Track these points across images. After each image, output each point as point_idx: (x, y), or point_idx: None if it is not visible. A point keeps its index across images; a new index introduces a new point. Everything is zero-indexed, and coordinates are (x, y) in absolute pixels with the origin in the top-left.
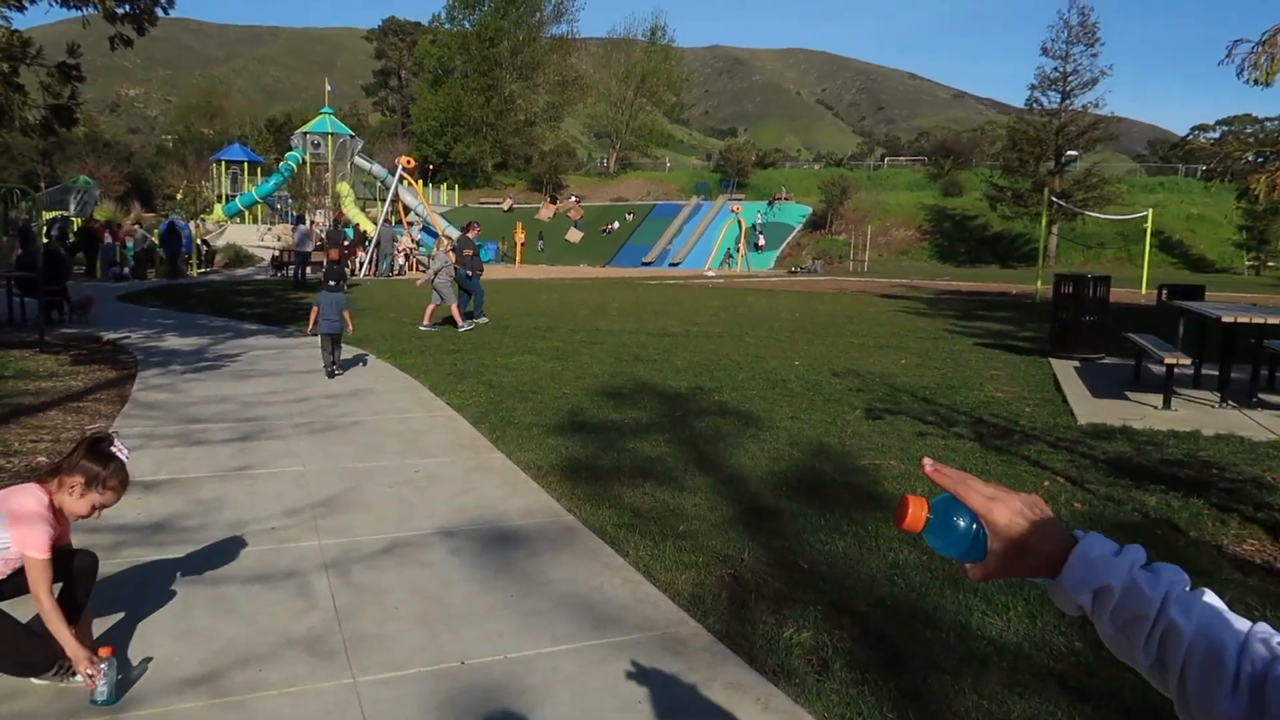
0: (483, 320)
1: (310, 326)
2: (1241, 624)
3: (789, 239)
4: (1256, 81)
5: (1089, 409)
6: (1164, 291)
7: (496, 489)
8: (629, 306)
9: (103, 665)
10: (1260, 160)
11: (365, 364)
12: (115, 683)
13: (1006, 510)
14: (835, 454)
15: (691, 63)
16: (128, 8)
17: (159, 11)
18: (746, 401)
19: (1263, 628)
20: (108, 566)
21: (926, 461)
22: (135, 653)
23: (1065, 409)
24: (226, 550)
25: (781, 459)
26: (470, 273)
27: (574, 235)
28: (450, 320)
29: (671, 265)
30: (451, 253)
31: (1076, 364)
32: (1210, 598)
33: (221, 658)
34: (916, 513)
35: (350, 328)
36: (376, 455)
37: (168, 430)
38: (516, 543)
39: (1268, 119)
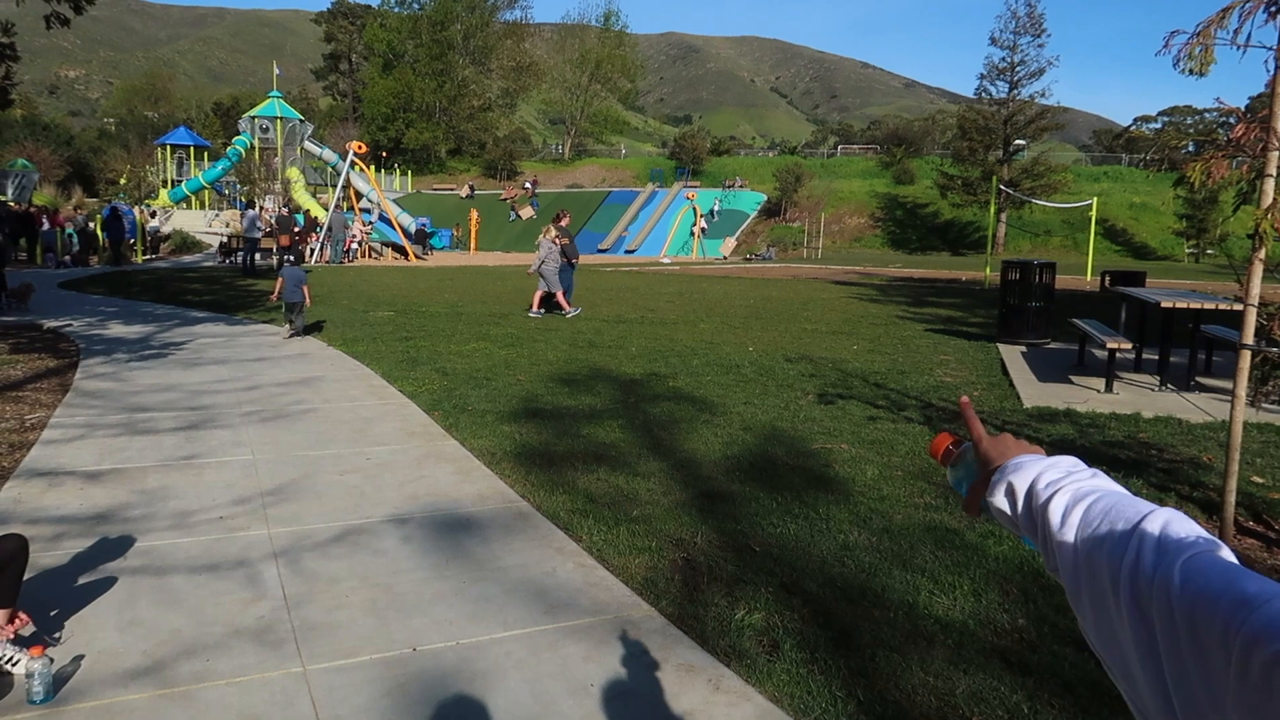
0: (575, 311)
1: (274, 295)
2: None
3: (743, 226)
4: (1191, 71)
5: (1034, 392)
6: (1107, 278)
7: (449, 476)
8: (583, 293)
9: (36, 665)
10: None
11: (316, 351)
12: (51, 681)
13: (997, 439)
14: (787, 438)
15: (646, 49)
16: None
17: None
18: (700, 387)
19: (1156, 525)
20: (48, 559)
21: (964, 399)
22: (76, 645)
23: (1012, 392)
24: (172, 540)
25: (734, 443)
26: (571, 261)
27: (526, 212)
28: (556, 306)
29: (627, 252)
30: (558, 239)
31: (1023, 349)
32: (1105, 500)
33: (167, 648)
34: (941, 444)
35: (308, 301)
36: (327, 443)
37: (111, 420)
38: (469, 529)
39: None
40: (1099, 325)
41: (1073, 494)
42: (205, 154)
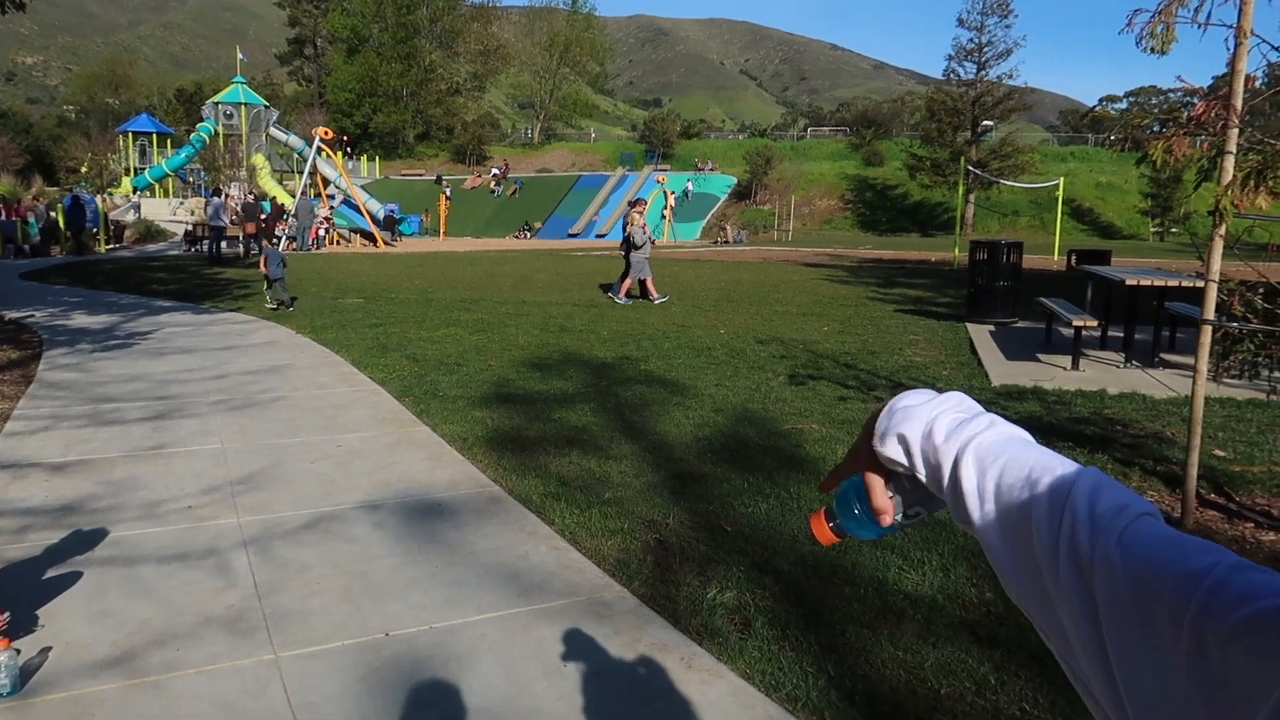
0: (618, 299)
1: (262, 266)
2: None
3: (714, 209)
4: (1153, 50)
5: (1002, 371)
6: (1073, 257)
7: (421, 462)
8: (555, 278)
9: (2, 658)
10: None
11: (284, 339)
12: (17, 674)
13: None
14: (758, 419)
15: (615, 32)
16: None
17: None
18: (672, 370)
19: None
20: (14, 551)
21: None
22: (44, 638)
23: (980, 371)
24: (141, 530)
25: (706, 425)
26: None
27: (510, 188)
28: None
29: (598, 237)
30: (645, 226)
31: (991, 328)
32: (1010, 445)
33: (136, 638)
34: (820, 529)
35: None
36: (297, 431)
37: (76, 410)
38: (441, 515)
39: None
40: (1065, 304)
41: (978, 454)
42: (168, 141)
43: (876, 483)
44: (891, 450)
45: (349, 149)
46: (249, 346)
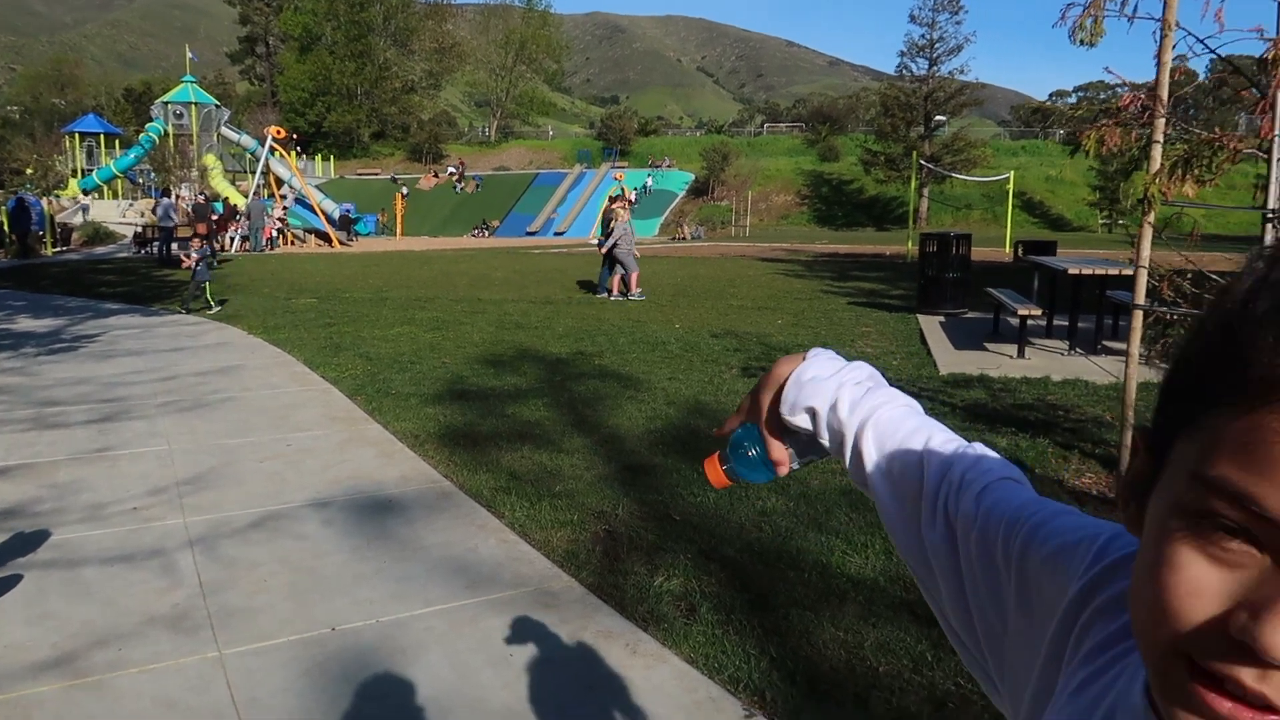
0: (612, 297)
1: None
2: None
3: (672, 206)
4: (1083, 42)
5: (950, 360)
6: (1020, 248)
7: (372, 459)
8: (512, 275)
9: None
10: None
11: (236, 340)
12: None
13: (758, 387)
14: (710, 411)
15: (571, 30)
16: None
17: None
18: (626, 364)
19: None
20: None
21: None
22: None
23: (929, 360)
24: (84, 533)
25: (658, 418)
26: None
27: (469, 185)
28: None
29: (557, 234)
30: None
31: (941, 319)
32: (906, 419)
33: (78, 640)
34: (714, 473)
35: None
36: (247, 431)
37: (19, 414)
38: (392, 510)
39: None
40: (1012, 294)
41: (878, 429)
42: (117, 142)
43: (774, 439)
44: (800, 421)
45: (299, 148)
46: (199, 348)
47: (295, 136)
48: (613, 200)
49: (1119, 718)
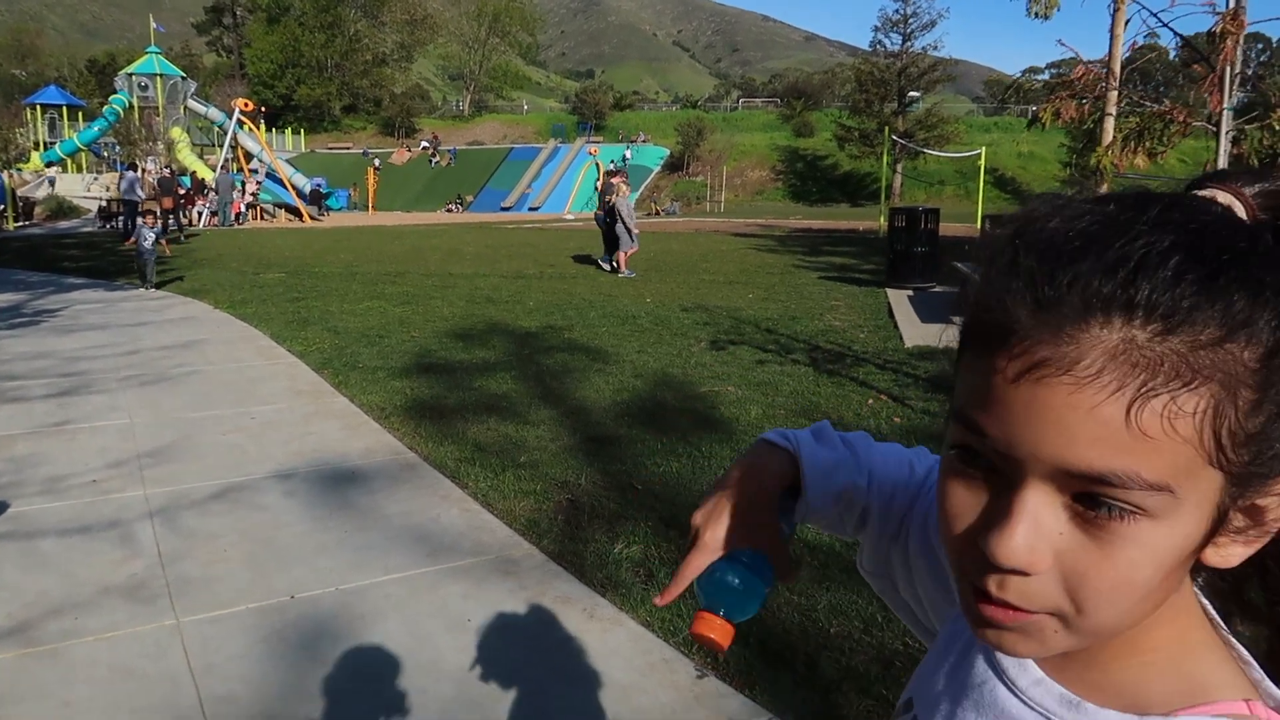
0: (622, 273)
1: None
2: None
3: (647, 181)
4: (1038, 15)
5: (916, 333)
6: (987, 223)
7: (337, 432)
8: (484, 250)
9: None
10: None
11: (201, 314)
12: None
13: (702, 514)
14: (677, 383)
15: (546, 2)
16: None
17: None
18: (596, 338)
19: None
20: None
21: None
22: None
23: (895, 334)
24: (41, 505)
25: (625, 390)
26: (609, 219)
27: (444, 160)
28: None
29: (531, 210)
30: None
31: (910, 293)
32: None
33: (33, 610)
34: (708, 632)
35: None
36: (210, 405)
37: None
38: (354, 482)
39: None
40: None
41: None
42: (80, 114)
43: (779, 554)
44: (829, 509)
45: (267, 122)
46: (164, 322)
47: (264, 109)
48: (611, 174)
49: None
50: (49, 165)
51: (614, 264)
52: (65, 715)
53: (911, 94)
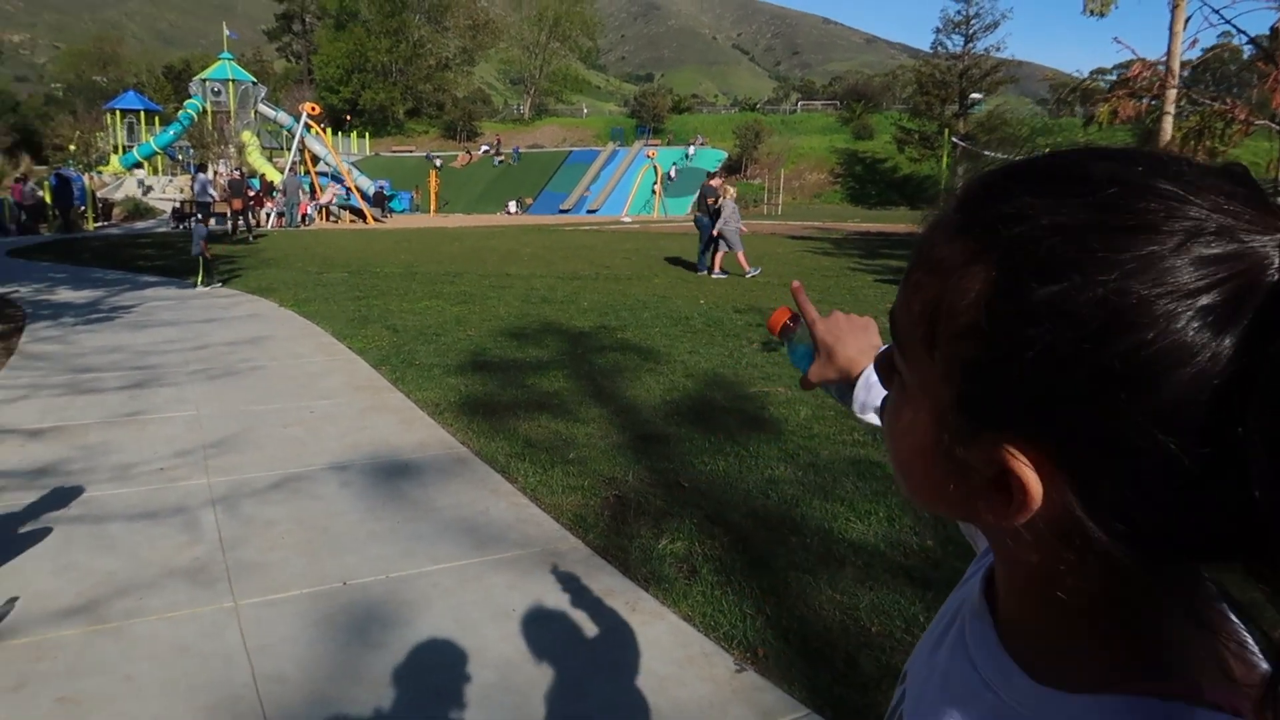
0: (705, 273)
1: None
2: None
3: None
4: (1093, 13)
5: None
6: None
7: (392, 426)
8: (541, 251)
9: None
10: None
11: (267, 311)
12: None
13: (830, 321)
14: (728, 383)
15: (606, 7)
16: None
17: None
18: (648, 338)
19: None
20: None
21: (797, 284)
22: (11, 589)
23: None
24: (111, 491)
25: (675, 389)
26: (711, 220)
27: (504, 157)
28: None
29: (589, 212)
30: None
31: None
32: None
33: (101, 589)
34: (778, 319)
35: (207, 254)
36: (272, 398)
37: (56, 380)
38: (407, 474)
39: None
40: None
41: None
42: (156, 119)
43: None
44: (871, 419)
45: (332, 126)
46: (231, 319)
47: (348, 118)
48: (712, 176)
49: (966, 608)
50: (133, 169)
51: (712, 268)
52: (127, 689)
53: (974, 96)
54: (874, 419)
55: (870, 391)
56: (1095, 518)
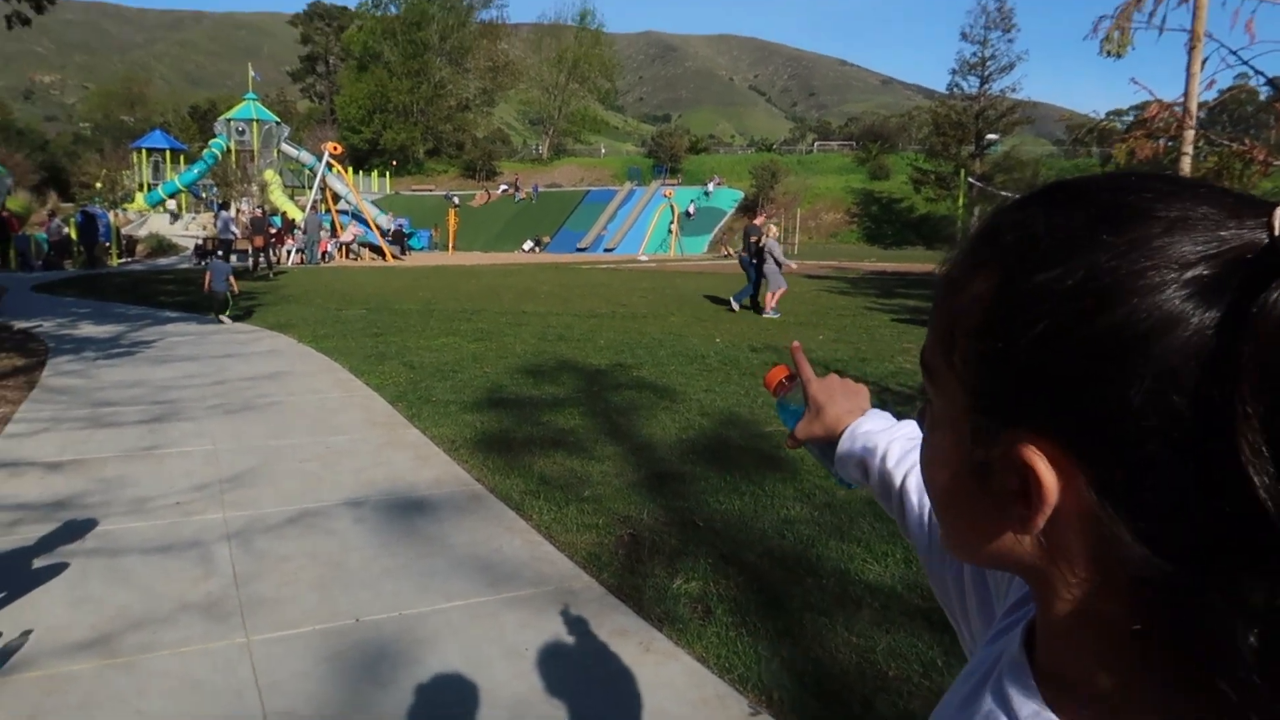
0: (736, 307)
1: (205, 286)
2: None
3: (721, 223)
4: (1109, 53)
5: None
6: None
7: (407, 462)
8: (558, 289)
9: None
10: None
11: (285, 347)
12: None
13: (824, 382)
14: (743, 422)
15: (625, 49)
16: None
17: None
18: (664, 376)
19: None
20: (3, 543)
21: (796, 344)
22: (25, 621)
23: None
24: (127, 524)
25: (690, 428)
26: (755, 260)
27: (524, 194)
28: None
29: (606, 250)
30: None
31: None
32: None
33: (114, 623)
34: (775, 377)
35: (235, 289)
36: (289, 433)
37: (76, 414)
38: (422, 511)
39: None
40: None
41: (918, 477)
42: (181, 157)
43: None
44: (853, 473)
45: (354, 164)
46: (250, 355)
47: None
48: (754, 216)
49: (1003, 661)
50: (158, 205)
51: (748, 304)
52: None
53: (989, 136)
54: (855, 471)
55: (854, 442)
56: (1116, 515)
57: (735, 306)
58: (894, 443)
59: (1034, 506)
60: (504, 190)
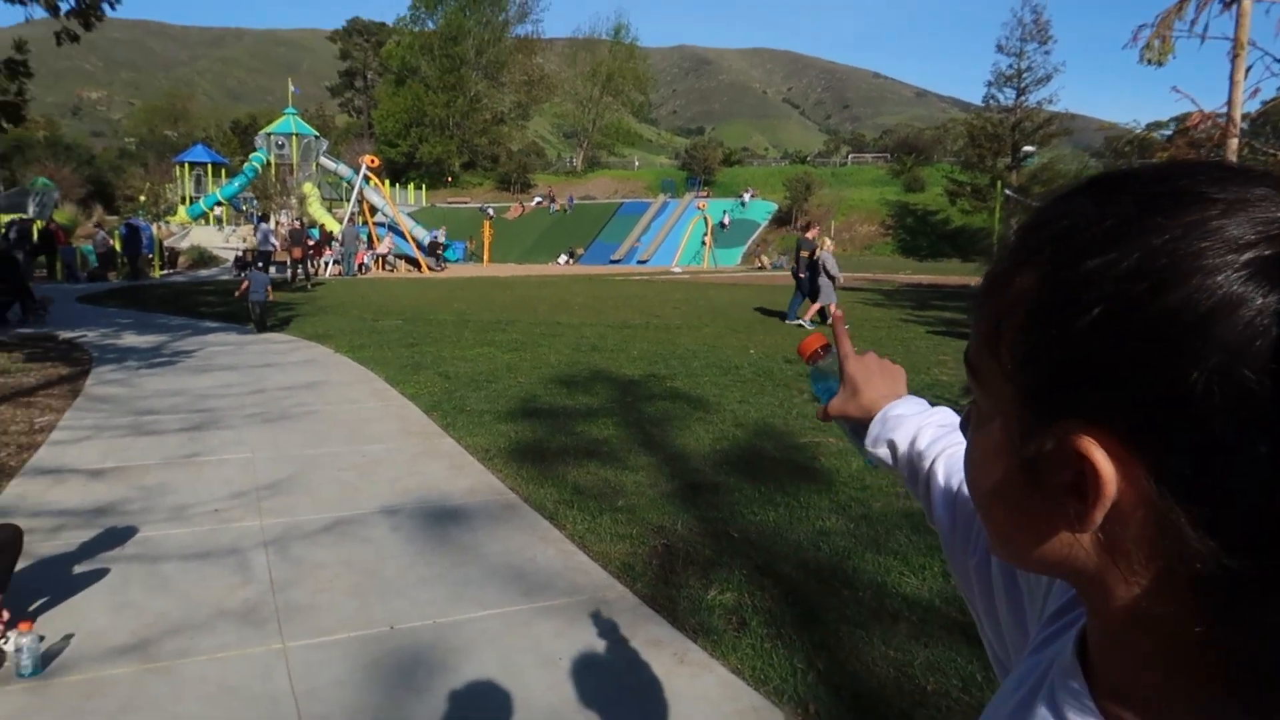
0: (796, 322)
1: (239, 293)
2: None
3: (755, 235)
4: (1150, 61)
5: None
6: None
7: (442, 471)
8: (591, 301)
9: (25, 640)
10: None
11: (322, 357)
12: (39, 655)
13: (862, 360)
14: (778, 433)
15: (658, 62)
16: (72, 3)
17: (105, 8)
18: (698, 387)
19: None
20: (45, 548)
21: (839, 313)
22: (67, 626)
23: None
24: (167, 531)
25: (724, 439)
26: (803, 274)
27: (559, 204)
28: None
29: (640, 262)
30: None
31: None
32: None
33: (153, 628)
34: (810, 345)
35: (271, 296)
36: (325, 442)
37: (118, 422)
38: (456, 519)
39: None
40: None
41: (947, 464)
42: (223, 171)
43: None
44: (881, 453)
45: (390, 177)
46: (288, 364)
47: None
48: (805, 229)
49: (1054, 670)
50: (212, 208)
51: (818, 318)
52: None
53: (1026, 149)
54: (884, 452)
55: (885, 424)
56: (1176, 503)
57: (807, 325)
58: (926, 427)
59: (1091, 500)
60: (538, 203)
